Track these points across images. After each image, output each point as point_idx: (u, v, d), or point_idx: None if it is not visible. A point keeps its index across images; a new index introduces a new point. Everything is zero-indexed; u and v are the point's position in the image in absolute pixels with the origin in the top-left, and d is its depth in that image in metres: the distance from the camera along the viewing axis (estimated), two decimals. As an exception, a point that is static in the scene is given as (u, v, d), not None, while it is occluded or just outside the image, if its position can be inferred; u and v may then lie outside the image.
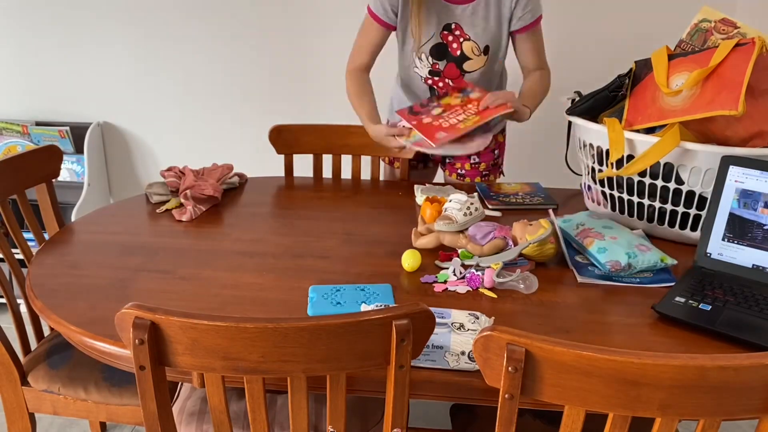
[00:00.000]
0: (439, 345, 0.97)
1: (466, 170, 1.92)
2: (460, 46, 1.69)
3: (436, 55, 1.73)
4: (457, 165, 1.93)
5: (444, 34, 1.69)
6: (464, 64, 1.72)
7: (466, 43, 1.69)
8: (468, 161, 1.92)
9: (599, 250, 1.26)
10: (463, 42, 1.69)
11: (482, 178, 1.93)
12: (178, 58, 2.51)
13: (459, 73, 1.74)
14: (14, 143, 2.48)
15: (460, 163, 1.92)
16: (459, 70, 1.74)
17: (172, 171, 1.67)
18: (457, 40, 1.68)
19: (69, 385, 1.33)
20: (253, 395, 0.86)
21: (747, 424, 1.94)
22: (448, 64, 1.73)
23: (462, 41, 1.68)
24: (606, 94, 1.52)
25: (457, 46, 1.69)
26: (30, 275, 1.22)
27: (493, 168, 1.94)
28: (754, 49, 1.31)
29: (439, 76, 1.76)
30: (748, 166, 1.24)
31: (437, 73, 1.76)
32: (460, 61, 1.72)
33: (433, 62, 1.74)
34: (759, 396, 0.72)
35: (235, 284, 1.20)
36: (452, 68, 1.74)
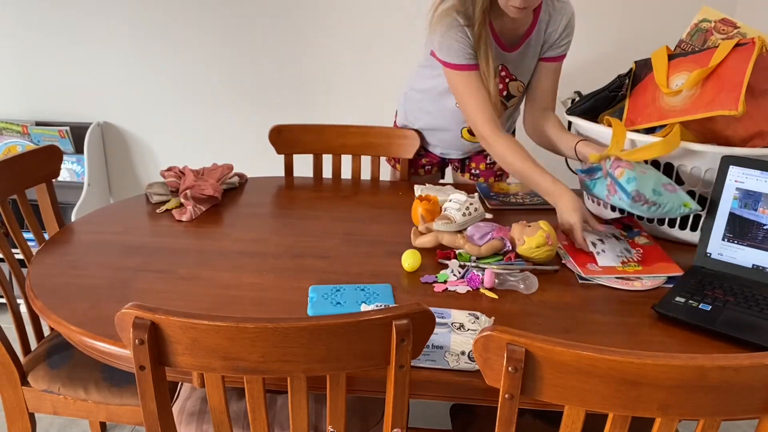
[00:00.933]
0: (439, 345, 0.97)
1: (481, 170, 1.92)
2: (506, 87, 1.68)
3: None
4: (473, 165, 1.93)
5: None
6: (509, 101, 1.72)
7: (512, 83, 1.67)
8: (484, 161, 1.91)
9: (628, 180, 1.27)
10: (509, 83, 1.67)
11: (496, 178, 1.93)
12: (179, 58, 2.51)
13: (504, 109, 1.73)
14: (14, 143, 2.48)
15: (475, 163, 1.92)
16: (505, 106, 1.73)
17: (172, 171, 1.67)
18: (503, 80, 1.66)
19: (69, 385, 1.33)
20: (253, 395, 0.86)
21: (747, 424, 1.94)
22: None
23: (508, 82, 1.67)
24: (606, 94, 1.53)
25: (503, 86, 1.67)
26: (30, 275, 1.22)
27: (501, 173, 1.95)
28: (754, 49, 1.31)
29: None
30: (748, 166, 1.24)
31: None
32: (507, 98, 1.71)
33: None
34: (759, 396, 0.72)
35: (235, 284, 1.20)
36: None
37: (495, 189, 1.75)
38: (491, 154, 1.54)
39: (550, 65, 1.66)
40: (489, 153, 1.57)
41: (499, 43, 1.59)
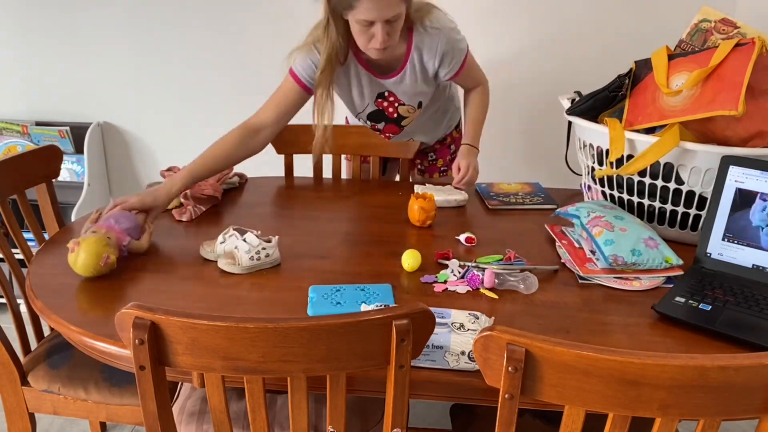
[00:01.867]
0: (439, 345, 0.97)
1: (426, 166, 2.00)
2: (396, 111, 1.74)
3: (375, 119, 1.79)
4: (417, 161, 2.00)
5: (378, 101, 1.73)
6: (402, 122, 1.79)
7: (401, 107, 1.73)
8: (426, 158, 1.99)
9: (606, 241, 1.26)
10: (398, 106, 1.73)
11: (440, 174, 1.99)
12: (179, 58, 2.51)
13: (398, 130, 1.82)
14: (14, 143, 2.48)
15: (419, 160, 1.99)
16: (398, 127, 1.80)
17: (172, 171, 1.67)
18: (392, 105, 1.73)
19: (69, 385, 1.33)
20: (253, 395, 0.86)
21: (747, 424, 1.94)
22: (387, 125, 1.79)
23: (397, 106, 1.73)
24: (606, 94, 1.52)
25: (393, 110, 1.75)
26: (30, 275, 1.22)
27: (451, 163, 1.99)
28: (754, 49, 1.31)
29: (380, 131, 1.84)
30: (748, 166, 1.24)
31: (378, 130, 1.83)
32: (398, 121, 1.78)
33: (372, 124, 1.81)
34: (759, 396, 0.72)
35: (235, 284, 1.20)
36: (391, 127, 1.81)
37: (495, 189, 1.75)
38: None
39: (456, 80, 1.72)
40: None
41: (371, 72, 1.65)
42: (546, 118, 2.50)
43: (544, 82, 2.46)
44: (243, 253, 1.24)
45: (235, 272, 1.24)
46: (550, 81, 2.45)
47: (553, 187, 1.82)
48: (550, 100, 2.45)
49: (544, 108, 2.49)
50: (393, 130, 1.82)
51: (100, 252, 1.18)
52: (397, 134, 1.84)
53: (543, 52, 2.43)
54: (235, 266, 1.24)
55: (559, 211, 1.46)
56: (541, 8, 2.37)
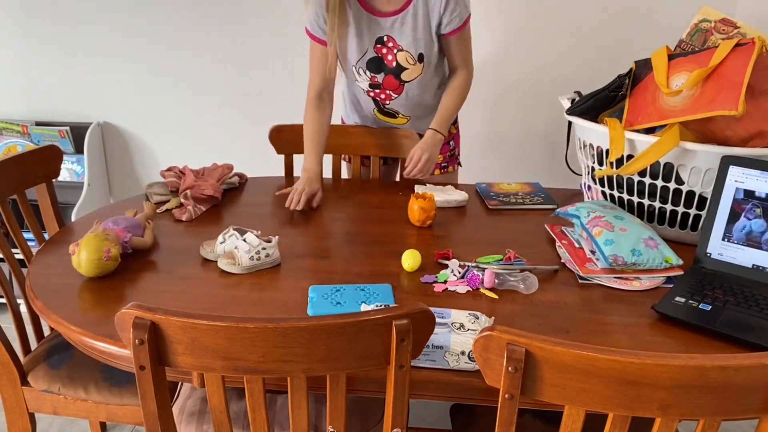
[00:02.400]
0: (439, 345, 0.97)
1: None
2: (395, 58, 1.72)
3: (374, 69, 1.75)
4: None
5: (377, 47, 1.71)
6: (402, 74, 1.75)
7: (400, 53, 1.71)
8: None
9: (606, 241, 1.26)
10: (397, 53, 1.71)
11: (441, 170, 1.97)
12: (179, 58, 2.51)
13: (398, 84, 1.78)
14: (14, 143, 2.48)
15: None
16: (398, 80, 1.77)
17: (172, 171, 1.67)
18: (391, 51, 1.71)
19: (69, 385, 1.33)
20: (253, 395, 0.86)
21: (747, 424, 1.94)
22: (386, 76, 1.76)
23: (396, 52, 1.71)
24: (606, 94, 1.52)
25: (392, 57, 1.72)
26: (30, 275, 1.22)
27: (451, 159, 1.98)
28: (754, 49, 1.31)
29: (379, 88, 1.79)
30: (748, 166, 1.24)
31: (377, 85, 1.79)
32: (397, 72, 1.75)
33: (371, 75, 1.77)
34: (759, 396, 0.72)
35: (235, 284, 1.20)
36: (391, 80, 1.77)
37: (495, 189, 1.75)
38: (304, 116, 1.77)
39: (450, 39, 1.71)
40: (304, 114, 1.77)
41: (367, 9, 1.66)
42: (546, 118, 2.50)
43: (544, 82, 2.46)
44: (243, 253, 1.24)
45: (235, 272, 1.24)
46: (550, 81, 2.45)
47: (553, 187, 1.82)
48: (550, 100, 2.45)
49: (544, 108, 2.49)
50: (393, 84, 1.77)
51: (100, 246, 1.19)
52: (398, 92, 1.78)
53: (543, 52, 2.43)
54: (235, 266, 1.24)
55: (559, 211, 1.46)
56: (541, 8, 2.38)
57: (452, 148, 1.97)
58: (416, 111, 1.84)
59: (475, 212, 1.61)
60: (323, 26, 1.68)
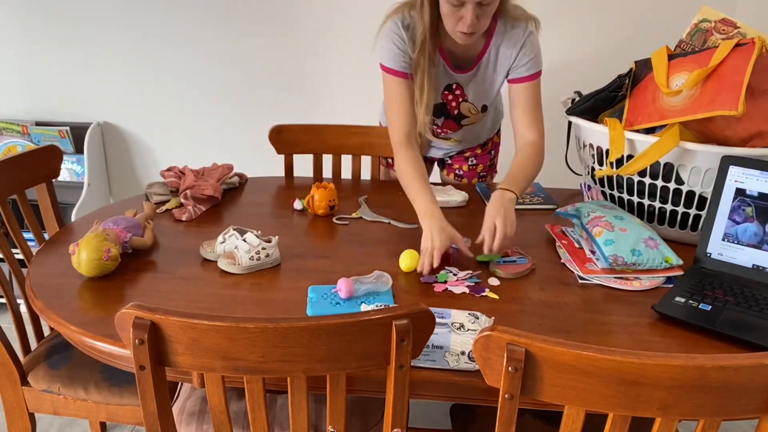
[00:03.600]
0: (439, 345, 0.97)
1: (464, 171, 1.94)
2: (458, 107, 1.69)
3: (437, 113, 1.71)
4: (455, 166, 1.94)
5: (444, 93, 1.67)
6: (462, 121, 1.73)
7: (464, 104, 1.68)
8: (466, 163, 1.93)
9: (606, 241, 1.26)
10: (461, 102, 1.68)
11: (480, 178, 1.95)
12: (178, 58, 2.51)
13: (457, 127, 1.76)
14: (14, 143, 2.48)
15: (458, 164, 1.94)
16: (457, 125, 1.75)
17: (172, 171, 1.67)
18: (456, 99, 1.67)
19: (69, 385, 1.33)
20: (253, 395, 0.86)
21: (747, 424, 1.94)
22: (446, 120, 1.74)
23: (461, 101, 1.68)
24: (606, 94, 1.53)
25: (455, 105, 1.69)
26: (30, 275, 1.22)
27: (490, 169, 1.97)
28: (754, 49, 1.31)
29: (437, 126, 1.77)
30: (748, 166, 1.24)
31: (436, 124, 1.76)
32: (459, 119, 1.73)
33: (432, 118, 1.69)
34: (759, 396, 0.72)
35: (235, 284, 1.20)
36: (450, 123, 1.75)
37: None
38: (395, 160, 1.52)
39: (517, 87, 1.57)
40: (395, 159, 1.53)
41: (448, 63, 1.59)
42: (546, 118, 2.49)
43: (544, 82, 2.45)
44: (243, 253, 1.24)
45: (235, 272, 1.24)
46: (550, 81, 2.45)
47: (553, 187, 1.82)
48: (550, 100, 2.45)
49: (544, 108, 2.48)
50: (452, 126, 1.75)
51: (100, 246, 1.19)
52: (454, 131, 1.76)
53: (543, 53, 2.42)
54: (235, 266, 1.24)
55: (559, 211, 1.46)
56: (540, 8, 2.37)
57: (492, 158, 1.95)
58: (467, 139, 1.84)
59: (475, 212, 1.61)
60: (405, 57, 1.51)
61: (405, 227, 1.48)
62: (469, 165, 1.93)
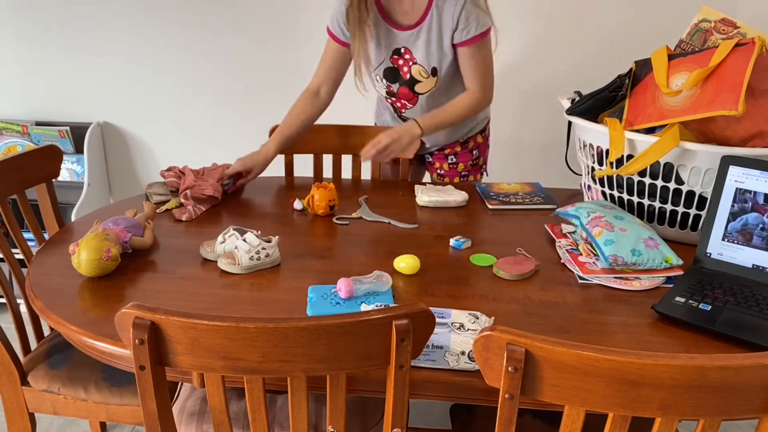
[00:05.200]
0: (439, 345, 0.97)
1: (445, 170, 1.97)
2: (410, 70, 1.72)
3: (390, 78, 1.77)
4: (437, 165, 1.97)
5: (394, 58, 1.72)
6: (415, 87, 1.76)
7: (414, 66, 1.72)
8: (446, 161, 1.96)
9: (606, 241, 1.26)
10: (412, 66, 1.72)
11: (461, 178, 1.96)
12: (178, 58, 2.51)
13: (412, 95, 1.78)
14: (14, 143, 2.48)
15: (439, 163, 1.97)
16: (412, 92, 1.77)
17: (172, 171, 1.67)
18: (407, 63, 1.72)
19: (69, 385, 1.33)
20: (253, 395, 0.86)
21: (747, 424, 1.94)
22: (400, 86, 1.77)
23: (411, 65, 1.72)
24: (606, 94, 1.52)
25: (407, 69, 1.73)
26: (30, 275, 1.22)
27: (473, 168, 1.97)
28: (754, 49, 1.31)
29: (395, 96, 1.81)
30: (748, 166, 1.24)
31: (393, 94, 1.80)
32: (411, 84, 1.75)
33: (387, 84, 1.78)
34: (759, 396, 0.72)
35: (235, 284, 1.20)
36: (405, 90, 1.78)
37: (495, 189, 1.75)
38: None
39: (461, 50, 1.67)
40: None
41: (387, 21, 1.67)
42: (546, 118, 2.50)
43: (544, 82, 2.46)
44: (243, 253, 1.24)
45: (235, 272, 1.24)
46: (550, 81, 2.45)
47: (553, 187, 1.82)
48: (550, 100, 2.45)
49: (544, 108, 2.49)
50: (407, 95, 1.77)
51: (100, 246, 1.18)
52: (413, 102, 1.79)
53: (543, 53, 2.43)
54: (235, 266, 1.24)
55: (559, 211, 1.46)
56: (540, 8, 2.38)
57: (475, 158, 1.95)
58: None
59: (475, 212, 1.61)
60: (343, 26, 1.69)
61: (405, 227, 1.49)
62: (449, 163, 1.95)
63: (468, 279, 1.24)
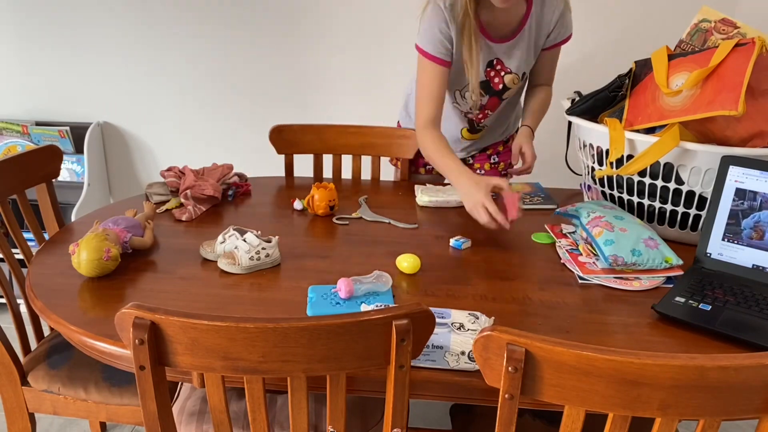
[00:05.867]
0: (439, 345, 0.97)
1: (486, 170, 1.95)
2: (502, 80, 1.68)
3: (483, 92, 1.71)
4: (476, 166, 1.95)
5: (487, 71, 1.67)
6: (504, 94, 1.73)
7: (507, 76, 1.68)
8: (488, 161, 1.94)
9: (606, 241, 1.26)
10: (504, 76, 1.68)
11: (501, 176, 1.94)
12: (179, 58, 2.51)
13: (498, 102, 1.75)
14: (14, 143, 2.48)
15: (480, 164, 1.94)
16: (499, 100, 1.74)
17: (172, 171, 1.67)
18: (498, 74, 1.67)
19: (69, 385, 1.33)
20: (253, 395, 0.86)
21: (747, 424, 1.94)
22: (490, 98, 1.73)
23: (503, 75, 1.68)
24: (606, 94, 1.52)
25: (498, 80, 1.68)
26: (30, 275, 1.22)
27: (509, 166, 1.96)
28: (754, 49, 1.31)
29: (480, 109, 1.75)
30: (748, 166, 1.24)
31: (479, 106, 1.74)
32: (502, 93, 1.72)
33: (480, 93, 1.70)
34: (759, 396, 0.72)
35: (235, 284, 1.20)
36: (494, 101, 1.74)
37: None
38: (418, 142, 1.62)
39: (549, 52, 1.70)
40: (418, 142, 1.63)
41: (486, 35, 1.60)
42: (546, 117, 2.49)
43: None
44: (243, 253, 1.24)
45: (235, 272, 1.24)
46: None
47: (553, 187, 1.82)
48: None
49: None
50: (494, 104, 1.74)
51: (100, 246, 1.18)
52: (494, 110, 1.76)
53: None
54: (235, 266, 1.24)
55: (559, 211, 1.46)
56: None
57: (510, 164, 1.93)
58: (499, 122, 1.84)
59: (475, 212, 1.61)
60: (447, 45, 1.55)
61: (405, 227, 1.49)
62: (491, 163, 1.94)
63: (468, 279, 1.24)
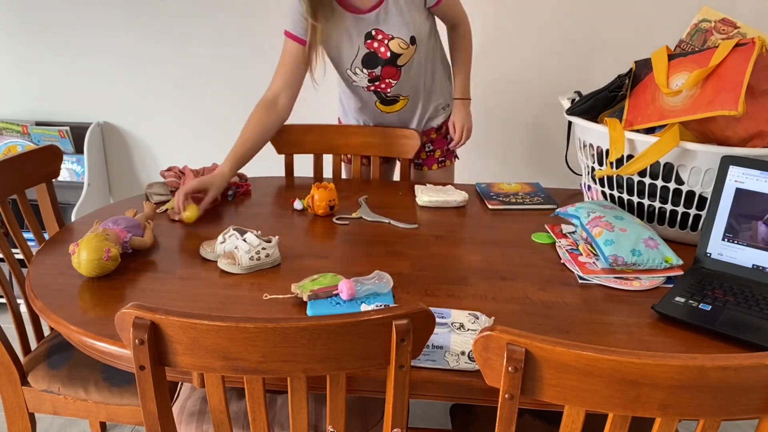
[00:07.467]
0: (439, 345, 0.97)
1: (423, 159, 1.98)
2: (388, 48, 1.70)
3: (370, 64, 1.74)
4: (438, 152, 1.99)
5: (368, 43, 1.70)
6: (397, 60, 1.74)
7: (392, 42, 1.69)
8: (423, 150, 1.97)
9: (606, 241, 1.26)
10: (389, 42, 1.69)
11: (439, 164, 1.97)
12: (178, 58, 2.51)
13: (396, 71, 1.76)
14: (14, 143, 2.48)
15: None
16: (395, 68, 1.75)
17: (172, 171, 1.67)
18: (382, 43, 1.69)
19: (69, 385, 1.33)
20: (253, 395, 0.86)
21: (747, 424, 1.94)
22: (383, 67, 1.75)
23: (387, 42, 1.69)
24: (606, 94, 1.52)
25: (384, 49, 1.70)
26: (30, 275, 1.22)
27: (448, 153, 1.99)
28: (754, 49, 1.31)
29: (379, 80, 1.78)
30: (748, 166, 1.24)
31: (376, 78, 1.77)
32: (393, 60, 1.73)
33: (369, 71, 1.75)
34: (759, 396, 0.72)
35: (235, 284, 1.20)
36: (388, 69, 1.75)
37: (495, 189, 1.75)
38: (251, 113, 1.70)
39: (438, 8, 1.73)
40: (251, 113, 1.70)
41: (349, 8, 1.65)
42: (546, 118, 2.50)
43: (544, 82, 2.46)
44: (243, 253, 1.24)
45: (235, 272, 1.24)
46: (550, 81, 2.45)
47: (553, 187, 1.82)
48: (550, 100, 2.45)
49: (544, 108, 2.49)
50: (391, 72, 1.75)
51: (100, 246, 1.18)
52: (396, 78, 1.77)
53: (542, 53, 2.43)
54: (235, 266, 1.24)
55: (559, 211, 1.46)
56: (541, 8, 2.38)
57: (448, 142, 1.96)
58: (414, 89, 1.84)
59: (475, 212, 1.61)
60: (303, 24, 1.65)
61: (405, 227, 1.49)
62: (427, 152, 1.96)
63: (468, 279, 1.24)
